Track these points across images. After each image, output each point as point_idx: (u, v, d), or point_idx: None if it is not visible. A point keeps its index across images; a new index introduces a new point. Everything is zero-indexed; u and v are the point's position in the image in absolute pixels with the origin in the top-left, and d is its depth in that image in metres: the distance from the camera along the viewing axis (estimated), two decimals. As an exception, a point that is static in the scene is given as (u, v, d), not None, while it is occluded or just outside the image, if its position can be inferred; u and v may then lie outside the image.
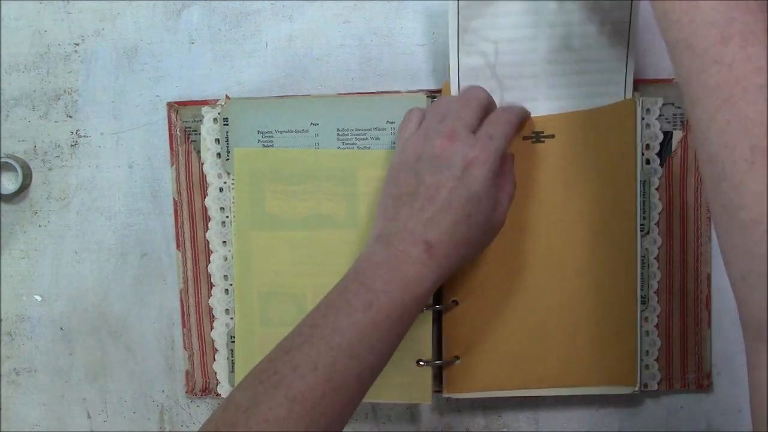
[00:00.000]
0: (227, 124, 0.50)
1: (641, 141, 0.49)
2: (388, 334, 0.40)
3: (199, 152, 0.52)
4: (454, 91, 0.48)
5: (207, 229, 0.52)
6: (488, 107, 0.45)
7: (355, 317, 0.39)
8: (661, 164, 0.50)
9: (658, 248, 0.50)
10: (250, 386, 0.39)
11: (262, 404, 0.37)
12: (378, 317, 0.39)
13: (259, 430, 0.36)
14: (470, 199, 0.41)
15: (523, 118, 0.47)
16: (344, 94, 0.52)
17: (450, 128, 0.42)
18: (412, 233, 0.41)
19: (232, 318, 0.53)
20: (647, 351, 0.51)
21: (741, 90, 0.31)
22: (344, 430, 0.40)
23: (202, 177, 0.52)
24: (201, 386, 0.54)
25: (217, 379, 0.53)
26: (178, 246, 0.53)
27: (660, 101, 0.49)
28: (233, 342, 0.52)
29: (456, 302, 0.49)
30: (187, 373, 0.54)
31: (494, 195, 0.43)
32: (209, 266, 0.53)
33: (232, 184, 0.50)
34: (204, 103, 0.52)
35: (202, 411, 0.55)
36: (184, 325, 0.54)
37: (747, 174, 0.31)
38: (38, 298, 0.55)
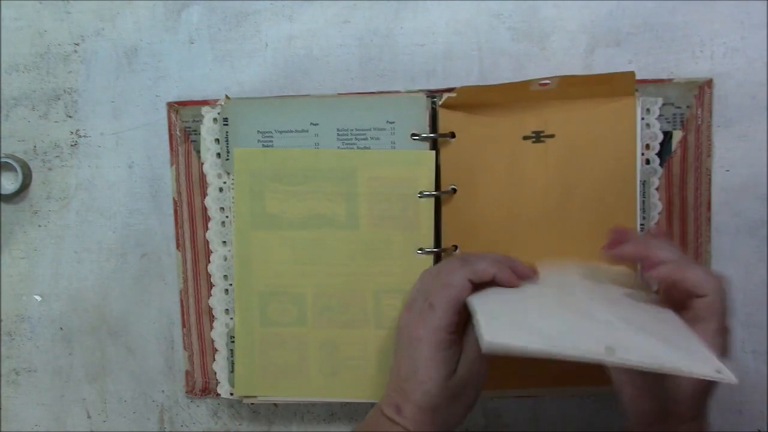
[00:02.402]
0: (227, 124, 0.50)
1: (641, 141, 0.49)
2: None
3: (199, 152, 0.52)
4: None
5: (207, 229, 0.52)
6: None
7: None
8: (661, 164, 0.50)
9: (658, 248, 0.50)
10: None
11: None
12: None
13: None
14: (417, 368, 0.42)
15: (473, 275, 0.42)
16: (344, 94, 0.52)
17: (410, 299, 0.45)
18: (389, 398, 0.43)
19: (231, 318, 0.53)
20: (647, 351, 0.51)
21: None
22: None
23: (202, 177, 0.52)
24: (201, 386, 0.54)
25: (217, 379, 0.53)
26: (178, 246, 0.53)
27: (660, 101, 0.49)
28: (233, 342, 0.52)
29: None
30: (187, 373, 0.54)
31: (447, 360, 0.42)
32: (209, 266, 0.53)
33: (232, 184, 0.50)
34: (204, 103, 0.52)
35: (202, 411, 0.55)
36: (184, 325, 0.54)
37: None
38: (38, 298, 0.55)
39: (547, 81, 0.46)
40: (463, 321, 0.42)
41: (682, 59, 0.50)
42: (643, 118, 0.49)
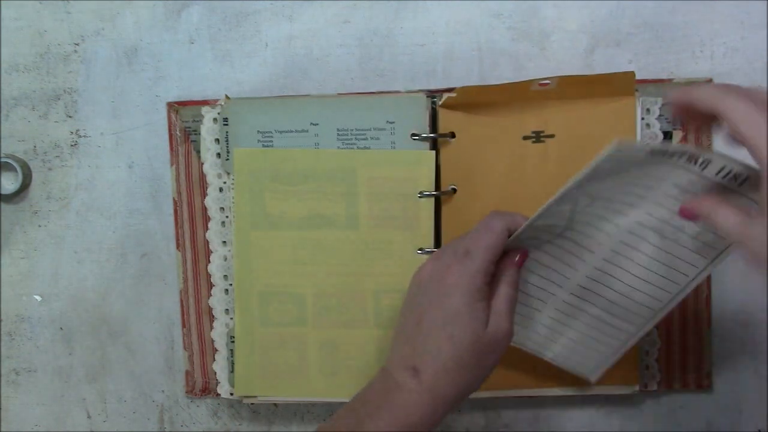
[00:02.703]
0: (227, 124, 0.50)
1: (641, 138, 0.49)
2: None
3: (199, 152, 0.52)
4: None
5: (207, 229, 0.52)
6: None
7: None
8: (661, 164, 0.50)
9: (658, 248, 0.50)
10: None
11: None
12: None
13: None
14: (448, 320, 0.40)
15: (512, 224, 0.42)
16: (344, 94, 0.52)
17: (437, 252, 0.43)
18: (403, 360, 0.41)
19: (231, 318, 0.53)
20: (647, 351, 0.51)
21: None
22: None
23: (202, 177, 0.52)
24: (201, 386, 0.54)
25: (217, 379, 0.53)
26: (178, 246, 0.53)
27: (660, 101, 0.49)
28: (233, 342, 0.52)
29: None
30: (187, 373, 0.54)
31: (481, 310, 0.40)
32: (209, 266, 0.53)
33: (232, 184, 0.50)
34: (204, 103, 0.52)
35: (202, 411, 0.55)
36: (184, 325, 0.54)
37: None
38: (38, 298, 0.55)
39: (547, 81, 0.46)
40: (493, 274, 0.41)
41: (682, 59, 0.50)
42: (643, 118, 0.49)
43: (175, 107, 0.52)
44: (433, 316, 0.40)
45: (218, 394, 0.53)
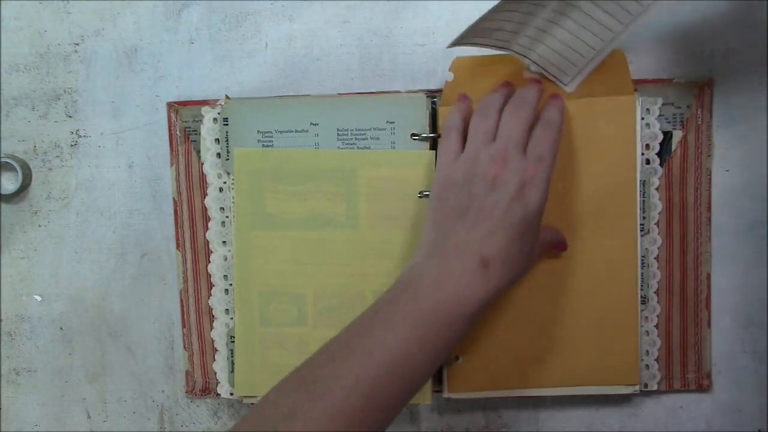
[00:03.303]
0: (227, 124, 0.50)
1: (641, 141, 0.49)
2: (434, 352, 0.39)
3: (199, 152, 0.52)
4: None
5: (207, 229, 0.52)
6: (532, 120, 0.44)
7: (404, 334, 0.38)
8: (661, 164, 0.50)
9: (658, 248, 0.50)
10: (292, 390, 0.39)
11: (302, 414, 0.37)
12: (427, 335, 0.39)
13: None
14: (525, 218, 0.41)
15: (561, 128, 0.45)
16: (344, 94, 0.52)
17: (502, 151, 0.42)
18: (469, 248, 0.40)
19: (231, 318, 0.53)
20: (647, 351, 0.51)
21: None
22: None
23: (202, 177, 0.52)
24: (201, 386, 0.54)
25: (217, 379, 0.53)
26: (178, 246, 0.53)
27: (660, 101, 0.49)
28: (233, 342, 0.52)
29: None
30: (187, 373, 0.54)
31: (541, 214, 0.42)
32: (209, 266, 0.53)
33: (232, 184, 0.50)
34: (204, 103, 0.52)
35: (202, 411, 0.55)
36: (184, 325, 0.54)
37: None
38: (38, 298, 0.55)
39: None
40: None
41: (682, 59, 0.50)
42: (643, 118, 0.49)
43: (175, 107, 0.52)
44: (511, 213, 0.41)
45: (218, 394, 0.53)
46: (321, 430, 0.36)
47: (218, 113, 0.51)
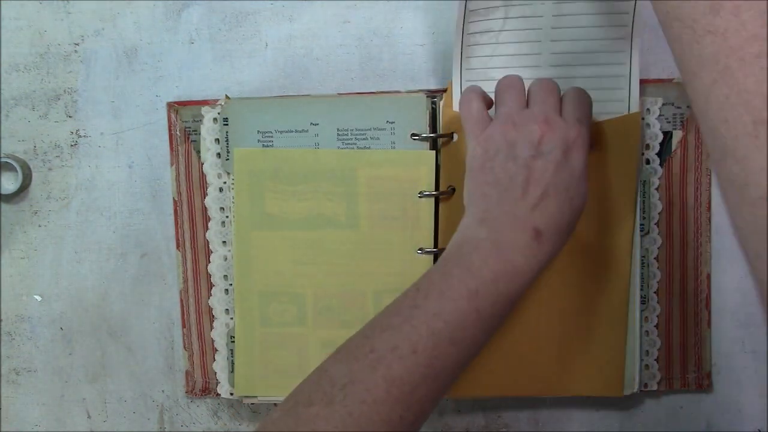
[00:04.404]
0: (227, 124, 0.50)
1: (641, 141, 0.49)
2: (489, 323, 0.39)
3: (199, 152, 0.52)
4: (456, 91, 0.48)
5: (207, 229, 0.52)
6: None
7: (459, 304, 0.38)
8: (661, 164, 0.50)
9: (658, 248, 0.50)
10: (345, 361, 0.38)
11: (359, 383, 0.36)
12: (483, 305, 0.38)
13: (356, 410, 0.35)
14: (572, 182, 0.40)
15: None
16: (344, 94, 0.52)
17: (544, 113, 0.41)
18: (520, 219, 0.40)
19: (232, 318, 0.53)
20: (647, 351, 0.51)
21: (737, 60, 0.30)
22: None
23: (202, 177, 0.52)
24: (201, 386, 0.54)
25: (217, 379, 0.53)
26: (178, 246, 0.53)
27: (660, 101, 0.49)
28: (233, 342, 0.52)
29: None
30: (187, 373, 0.54)
31: (586, 177, 0.42)
32: (209, 266, 0.53)
33: (232, 184, 0.50)
34: (204, 103, 0.52)
35: (202, 411, 0.55)
36: (184, 325, 0.54)
37: (751, 149, 0.29)
38: (38, 298, 0.55)
39: None
40: None
41: (682, 59, 0.50)
42: (643, 118, 0.49)
43: (175, 107, 0.52)
44: (560, 178, 0.40)
45: (218, 394, 0.53)
46: (379, 399, 0.36)
47: (218, 113, 0.51)
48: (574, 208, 0.41)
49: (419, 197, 0.49)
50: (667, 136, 0.50)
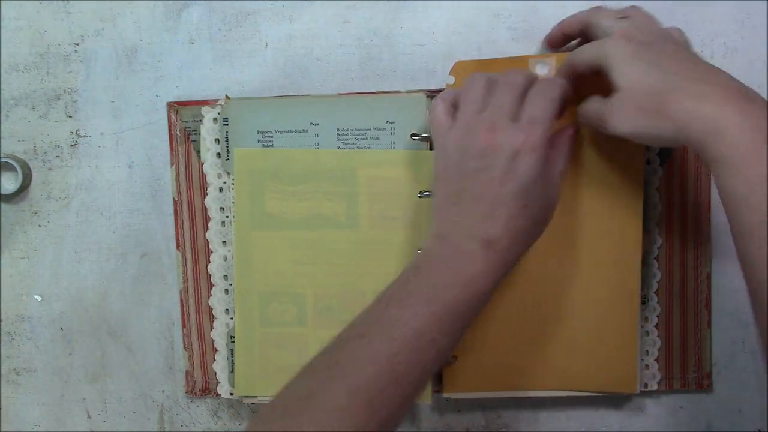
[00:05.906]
0: (227, 124, 0.50)
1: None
2: (450, 327, 0.39)
3: (199, 152, 0.52)
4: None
5: (207, 229, 0.52)
6: (528, 88, 0.42)
7: (417, 309, 0.39)
8: (661, 164, 0.50)
9: (658, 248, 0.50)
10: (308, 377, 0.39)
11: (321, 393, 0.37)
12: (440, 311, 0.39)
13: (319, 418, 0.36)
14: (522, 190, 0.39)
15: (565, 91, 0.43)
16: (344, 94, 0.52)
17: (491, 120, 0.40)
18: (469, 231, 0.40)
19: (232, 318, 0.53)
20: (647, 351, 0.51)
21: None
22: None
23: (202, 177, 0.52)
24: (201, 386, 0.54)
25: (217, 379, 0.53)
26: (178, 246, 0.53)
27: (660, 101, 0.49)
28: (233, 342, 0.52)
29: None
30: (187, 373, 0.54)
31: (545, 178, 0.41)
32: (209, 266, 0.53)
33: (232, 184, 0.50)
34: (204, 103, 0.52)
35: (202, 411, 0.55)
36: (184, 325, 0.54)
37: None
38: (38, 298, 0.55)
39: (546, 62, 0.46)
40: None
41: (682, 59, 0.50)
42: (643, 118, 0.49)
43: (175, 107, 0.52)
44: (507, 188, 0.39)
45: (218, 394, 0.53)
46: (341, 406, 0.36)
47: (218, 113, 0.51)
48: (531, 215, 0.40)
49: (419, 197, 0.49)
50: (667, 136, 0.50)
